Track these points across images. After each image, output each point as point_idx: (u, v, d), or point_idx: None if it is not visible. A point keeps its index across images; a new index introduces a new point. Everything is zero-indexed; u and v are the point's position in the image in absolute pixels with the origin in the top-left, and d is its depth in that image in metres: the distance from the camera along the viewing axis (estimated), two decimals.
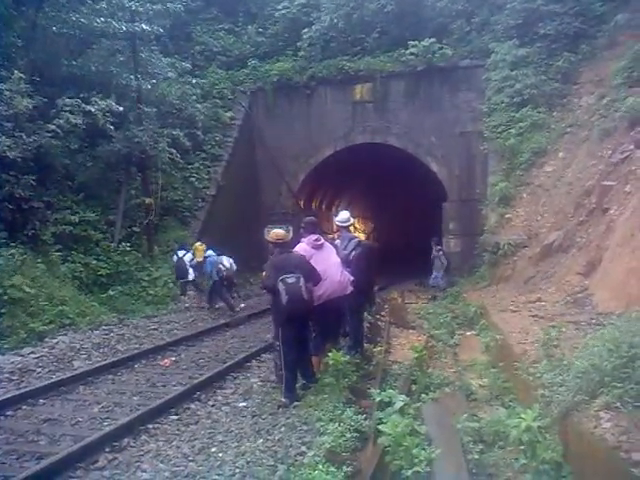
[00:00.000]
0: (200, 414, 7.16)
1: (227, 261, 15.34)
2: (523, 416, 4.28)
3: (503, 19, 20.32)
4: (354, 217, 10.48)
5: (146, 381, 8.83)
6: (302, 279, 7.17)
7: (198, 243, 17.01)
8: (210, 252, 15.68)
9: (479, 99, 20.28)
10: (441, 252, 18.97)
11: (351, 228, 9.89)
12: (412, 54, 21.22)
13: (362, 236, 28.13)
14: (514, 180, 17.21)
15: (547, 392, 5.02)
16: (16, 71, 13.67)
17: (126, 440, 6.20)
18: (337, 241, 9.18)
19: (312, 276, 7.44)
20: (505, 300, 12.02)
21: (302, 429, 6.24)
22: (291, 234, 8.75)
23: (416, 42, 21.09)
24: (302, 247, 7.97)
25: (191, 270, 16.07)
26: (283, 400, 7.21)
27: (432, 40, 20.97)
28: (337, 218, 9.53)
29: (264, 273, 7.70)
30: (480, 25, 21.58)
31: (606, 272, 9.54)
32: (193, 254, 16.41)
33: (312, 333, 7.82)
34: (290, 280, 7.11)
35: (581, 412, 4.40)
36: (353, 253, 8.69)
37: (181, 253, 16.20)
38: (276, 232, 7.95)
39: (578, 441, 4.28)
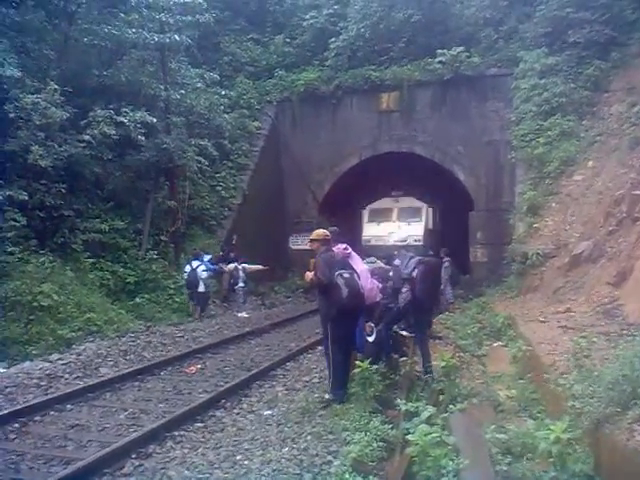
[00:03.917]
0: (225, 422, 7.15)
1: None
2: (552, 428, 4.21)
3: (532, 27, 20.20)
4: None
5: (172, 388, 8.87)
6: (355, 274, 7.33)
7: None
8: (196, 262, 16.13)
9: (507, 108, 20.14)
10: (447, 263, 17.61)
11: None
12: (440, 62, 21.15)
13: None
14: (542, 189, 16.99)
15: (577, 403, 4.93)
16: (51, 82, 13.91)
17: (152, 447, 6.22)
18: (397, 261, 9.02)
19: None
20: (533, 310, 11.88)
21: (328, 438, 6.20)
22: None
23: (444, 51, 21.03)
24: None
25: (202, 283, 15.92)
26: (327, 397, 7.20)
27: (460, 49, 20.90)
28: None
29: (308, 273, 7.64)
30: (508, 33, 21.49)
31: (637, 282, 9.37)
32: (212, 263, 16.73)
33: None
34: (346, 275, 7.25)
35: (613, 424, 4.31)
36: (415, 272, 8.58)
37: (195, 264, 16.10)
38: (320, 231, 7.97)
39: (610, 454, 4.19)
